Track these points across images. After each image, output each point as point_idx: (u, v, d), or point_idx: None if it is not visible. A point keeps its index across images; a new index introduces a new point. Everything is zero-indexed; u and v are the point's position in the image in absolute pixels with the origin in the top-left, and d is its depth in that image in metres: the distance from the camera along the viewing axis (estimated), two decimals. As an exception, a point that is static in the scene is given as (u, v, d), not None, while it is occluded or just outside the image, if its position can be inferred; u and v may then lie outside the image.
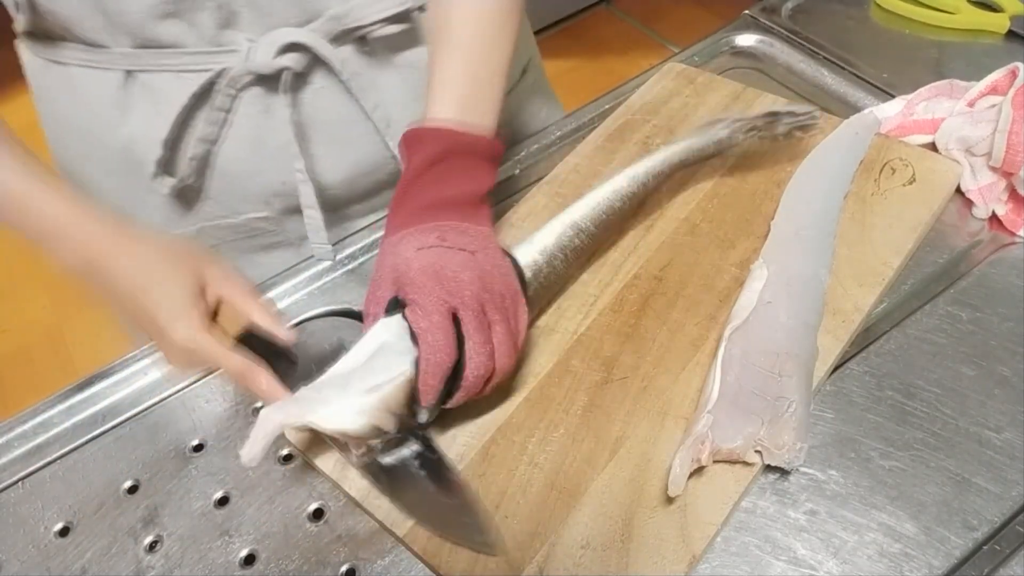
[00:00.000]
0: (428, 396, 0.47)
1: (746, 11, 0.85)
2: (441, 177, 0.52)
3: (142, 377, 0.60)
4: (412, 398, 0.47)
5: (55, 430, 0.57)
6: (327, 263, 0.66)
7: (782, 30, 0.82)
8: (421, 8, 0.61)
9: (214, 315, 0.51)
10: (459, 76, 0.55)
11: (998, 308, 0.57)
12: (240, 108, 0.61)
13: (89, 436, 0.56)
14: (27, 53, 0.64)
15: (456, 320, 0.47)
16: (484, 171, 0.54)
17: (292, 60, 0.58)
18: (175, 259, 0.51)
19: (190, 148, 0.61)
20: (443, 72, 0.55)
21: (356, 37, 0.61)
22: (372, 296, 0.50)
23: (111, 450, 0.55)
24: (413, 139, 0.53)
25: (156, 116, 0.60)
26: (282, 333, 0.51)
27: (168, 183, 0.63)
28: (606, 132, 0.71)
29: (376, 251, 0.67)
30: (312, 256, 0.67)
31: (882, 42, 0.81)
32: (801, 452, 0.47)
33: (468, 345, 0.46)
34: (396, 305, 0.48)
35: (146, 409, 0.57)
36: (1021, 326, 0.55)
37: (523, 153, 0.74)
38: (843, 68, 0.78)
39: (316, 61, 0.60)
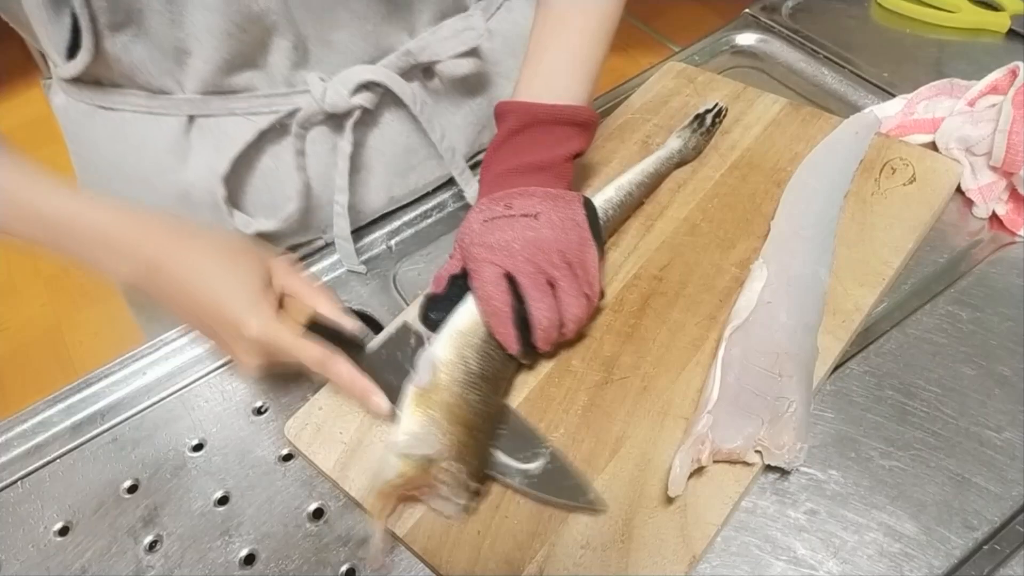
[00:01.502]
0: (509, 344, 0.50)
1: (746, 10, 0.85)
2: (519, 146, 0.55)
3: (142, 377, 0.60)
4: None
5: (55, 430, 0.57)
6: (329, 261, 0.66)
7: (782, 29, 0.82)
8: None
9: (280, 307, 0.51)
10: (555, 56, 0.57)
11: (998, 308, 0.57)
12: (308, 148, 0.61)
13: (89, 436, 0.56)
14: (62, 97, 0.61)
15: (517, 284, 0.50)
16: (567, 136, 0.55)
17: (365, 98, 0.58)
18: (238, 255, 0.51)
19: (294, 199, 0.61)
20: (540, 50, 0.57)
21: (424, 69, 0.62)
22: (447, 264, 0.54)
23: (111, 450, 0.55)
24: (501, 113, 0.56)
25: (218, 159, 0.59)
26: (348, 323, 0.52)
27: (255, 225, 0.61)
28: (606, 131, 0.71)
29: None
30: (311, 255, 0.67)
31: (882, 41, 0.81)
32: (801, 452, 0.47)
33: (527, 303, 0.50)
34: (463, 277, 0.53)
35: (146, 409, 0.57)
36: (1021, 326, 0.55)
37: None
38: (843, 67, 0.78)
39: (386, 97, 0.61)
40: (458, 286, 0.53)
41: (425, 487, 0.47)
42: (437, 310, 0.53)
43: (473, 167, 0.68)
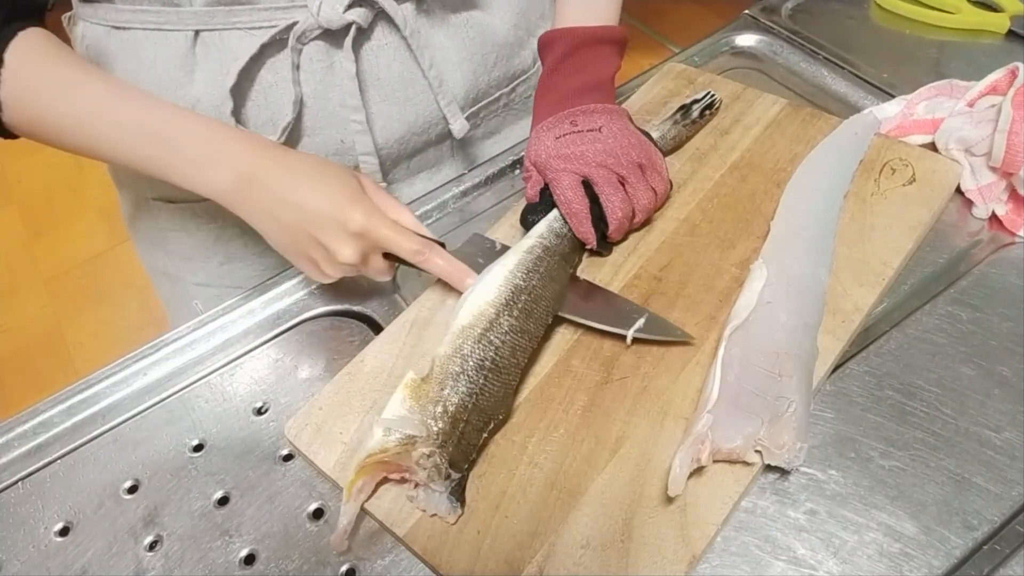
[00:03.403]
0: (587, 240, 0.59)
1: (746, 11, 0.85)
2: (572, 69, 0.62)
3: (142, 377, 0.60)
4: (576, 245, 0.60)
5: (55, 430, 0.57)
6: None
7: (782, 30, 0.82)
8: None
9: None
10: None
11: (998, 308, 0.57)
12: (304, 64, 0.62)
13: (89, 436, 0.56)
14: (81, 26, 0.64)
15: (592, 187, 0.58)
16: (609, 56, 0.64)
17: (358, 15, 0.60)
18: (331, 165, 0.56)
19: (285, 113, 0.63)
20: None
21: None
22: (530, 184, 0.62)
23: (111, 450, 0.55)
24: (547, 41, 0.64)
25: (222, 75, 0.61)
26: (427, 231, 0.57)
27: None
28: (606, 132, 0.71)
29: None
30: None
31: (882, 42, 0.81)
32: (801, 452, 0.47)
33: (601, 198, 0.58)
34: (546, 191, 0.61)
35: (146, 409, 0.57)
36: (1021, 326, 0.55)
37: (523, 154, 0.74)
38: (843, 68, 0.78)
39: (378, 17, 0.63)
40: (548, 193, 0.60)
41: (404, 469, 0.47)
42: (535, 213, 0.61)
43: (475, 113, 0.72)
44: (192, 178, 0.54)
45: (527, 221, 0.61)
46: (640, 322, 0.54)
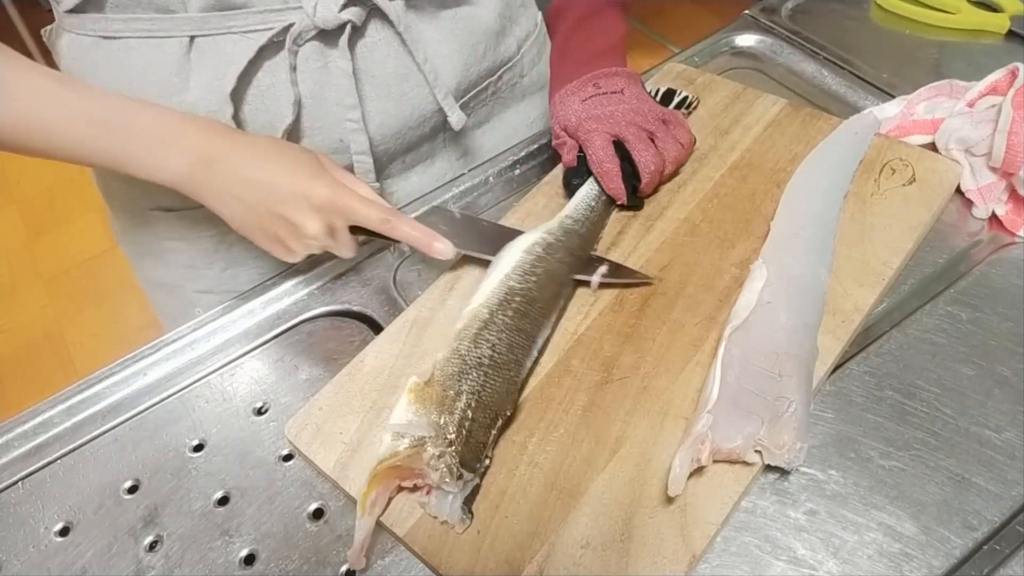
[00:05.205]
0: (618, 197, 0.62)
1: (746, 11, 0.85)
2: (586, 35, 0.67)
3: (142, 377, 0.60)
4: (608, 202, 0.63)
5: (55, 430, 0.57)
6: (328, 264, 0.66)
7: (782, 30, 0.82)
8: None
9: None
10: None
11: (998, 308, 0.57)
12: (300, 65, 0.62)
13: (89, 436, 0.56)
14: (66, 38, 0.63)
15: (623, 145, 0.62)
16: (618, 20, 0.69)
17: (353, 13, 0.61)
18: (290, 145, 0.57)
19: (284, 117, 0.63)
20: None
21: None
22: (566, 150, 0.64)
23: (111, 450, 0.55)
24: (558, 8, 0.69)
25: (217, 79, 0.61)
26: (384, 203, 0.58)
27: None
28: (606, 132, 0.71)
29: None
30: (313, 255, 0.67)
31: (882, 42, 0.81)
32: (801, 452, 0.47)
33: (634, 154, 0.61)
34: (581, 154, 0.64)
35: (146, 409, 0.58)
36: (1021, 326, 0.55)
37: (523, 153, 0.74)
38: (843, 68, 0.78)
39: (372, 14, 0.63)
40: (583, 156, 0.63)
41: (417, 473, 0.47)
42: (576, 176, 0.64)
43: (465, 103, 0.72)
44: (147, 166, 0.54)
45: (570, 185, 0.64)
46: (603, 268, 0.58)
